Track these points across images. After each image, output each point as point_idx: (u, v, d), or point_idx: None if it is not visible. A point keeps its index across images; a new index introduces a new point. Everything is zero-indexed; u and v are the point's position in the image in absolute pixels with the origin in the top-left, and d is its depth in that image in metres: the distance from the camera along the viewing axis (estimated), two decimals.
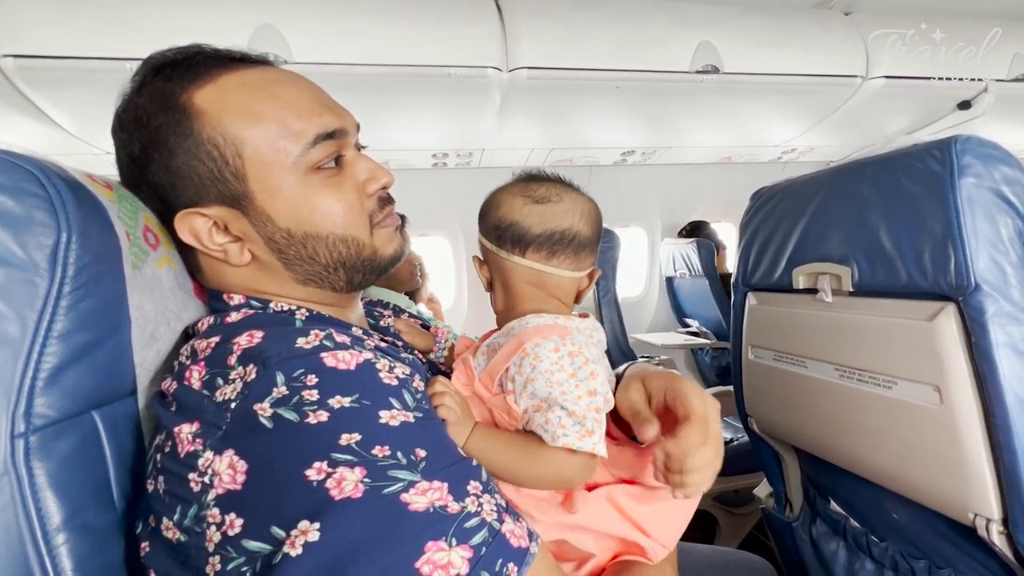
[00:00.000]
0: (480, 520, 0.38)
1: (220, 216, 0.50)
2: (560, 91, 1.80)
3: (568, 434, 0.48)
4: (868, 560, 0.86)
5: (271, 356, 0.41)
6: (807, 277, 0.83)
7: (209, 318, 0.51)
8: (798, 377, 0.87)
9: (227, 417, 0.39)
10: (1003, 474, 0.59)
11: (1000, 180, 0.59)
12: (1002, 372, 0.58)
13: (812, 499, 1.00)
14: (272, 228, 0.50)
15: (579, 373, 0.51)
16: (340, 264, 0.53)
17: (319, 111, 0.51)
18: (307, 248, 0.51)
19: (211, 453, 0.38)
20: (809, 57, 1.88)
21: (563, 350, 0.51)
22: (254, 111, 0.48)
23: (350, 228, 0.52)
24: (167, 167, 0.49)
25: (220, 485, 0.37)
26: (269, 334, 0.44)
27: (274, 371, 0.40)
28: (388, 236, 0.56)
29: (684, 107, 2.08)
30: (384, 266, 0.56)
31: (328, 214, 0.51)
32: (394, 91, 1.62)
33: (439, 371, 0.72)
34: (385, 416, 0.40)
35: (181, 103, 0.48)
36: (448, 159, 2.32)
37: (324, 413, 0.38)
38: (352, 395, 0.40)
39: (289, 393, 0.39)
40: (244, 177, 0.49)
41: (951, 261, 0.61)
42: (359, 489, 0.36)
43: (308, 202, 0.50)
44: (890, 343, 0.70)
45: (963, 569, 0.73)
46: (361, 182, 0.53)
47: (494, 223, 0.61)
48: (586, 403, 0.49)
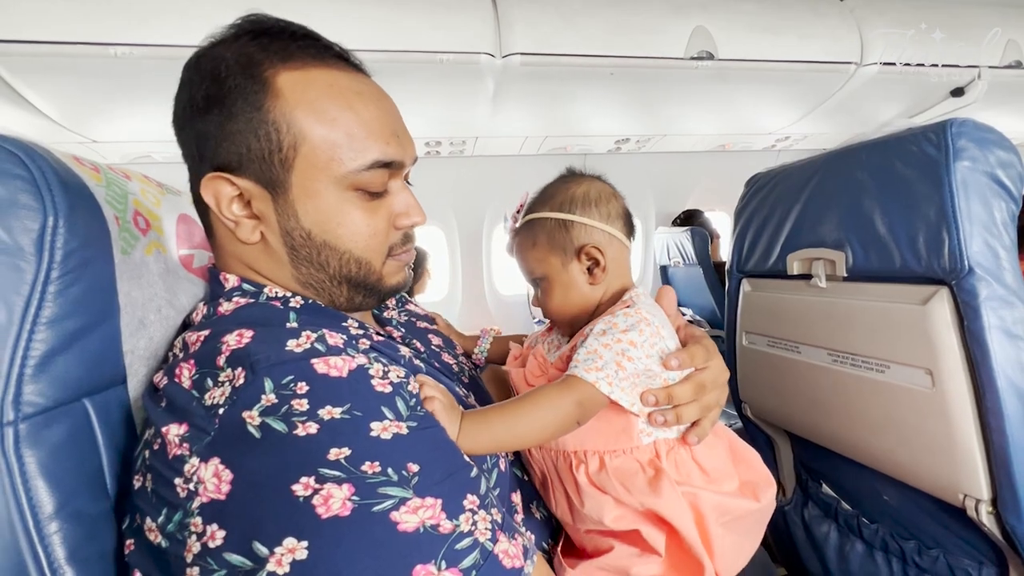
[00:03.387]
0: (472, 541, 0.37)
1: (249, 190, 0.49)
2: (554, 78, 1.78)
3: (577, 364, 0.50)
4: (859, 542, 0.88)
5: (259, 360, 0.40)
6: (801, 263, 0.84)
7: (203, 307, 0.50)
8: (791, 362, 0.88)
9: (215, 423, 0.38)
10: (993, 456, 0.60)
11: (995, 164, 0.60)
12: (994, 355, 0.58)
13: (804, 483, 1.01)
14: (294, 224, 0.49)
15: (633, 334, 0.52)
16: (346, 280, 0.53)
17: (387, 138, 0.51)
18: (320, 255, 0.51)
19: (197, 460, 0.37)
20: (804, 43, 1.88)
21: (632, 319, 0.54)
22: (328, 115, 0.48)
23: (368, 252, 0.52)
24: (222, 127, 0.47)
25: (205, 494, 0.36)
26: (259, 335, 0.43)
27: (262, 377, 0.39)
28: (397, 268, 0.56)
29: (679, 94, 2.07)
30: (385, 294, 0.56)
31: (354, 233, 0.51)
32: (385, 77, 1.58)
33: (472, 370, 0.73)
34: (376, 428, 0.39)
35: (265, 76, 0.47)
36: (441, 147, 2.30)
37: (313, 425, 0.37)
38: (343, 405, 0.39)
39: (278, 402, 0.38)
40: (290, 169, 0.48)
41: (945, 245, 0.61)
42: (347, 507, 0.35)
43: (339, 215, 0.50)
44: (883, 327, 0.70)
45: (951, 549, 0.74)
46: (395, 214, 0.54)
47: (622, 211, 0.63)
48: (616, 351, 0.51)
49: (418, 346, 0.65)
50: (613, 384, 0.49)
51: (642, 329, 0.52)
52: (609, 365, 0.50)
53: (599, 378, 0.49)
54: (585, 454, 0.53)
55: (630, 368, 0.50)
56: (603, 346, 0.51)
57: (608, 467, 0.52)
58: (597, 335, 0.52)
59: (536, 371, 0.59)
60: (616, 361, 0.50)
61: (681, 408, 0.53)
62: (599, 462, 0.53)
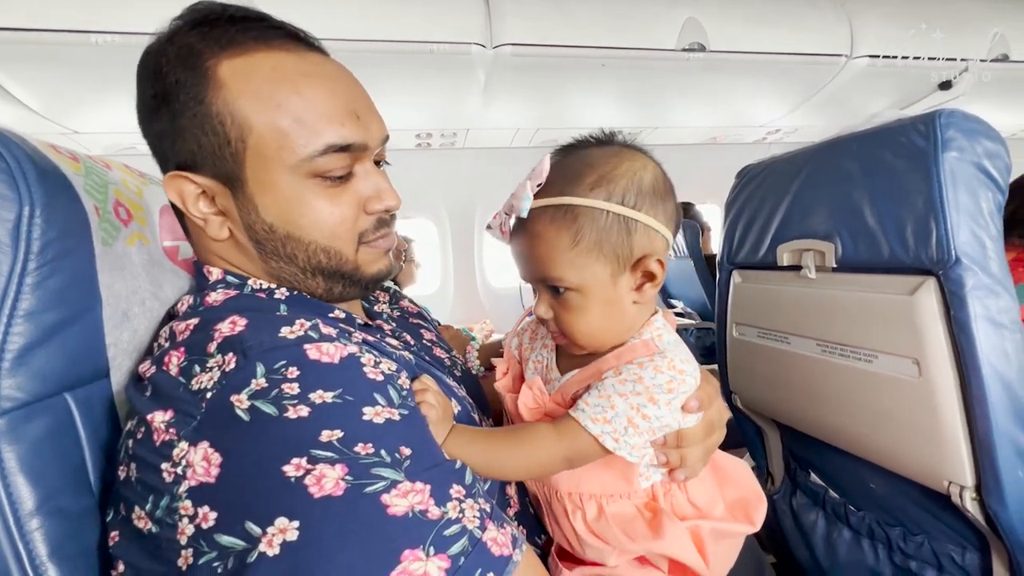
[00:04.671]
0: (461, 528, 0.37)
1: (210, 187, 0.48)
2: (545, 69, 1.77)
3: (584, 409, 0.46)
4: (846, 529, 0.89)
5: (252, 346, 0.39)
6: (791, 254, 0.84)
7: (189, 298, 0.50)
8: (781, 353, 0.88)
9: (202, 407, 0.37)
10: (977, 443, 0.61)
11: (982, 154, 0.60)
12: (979, 344, 0.59)
13: (793, 472, 1.03)
14: (255, 217, 0.48)
15: (658, 392, 0.46)
16: (318, 271, 0.51)
17: (342, 120, 0.47)
18: (286, 248, 0.49)
19: (186, 444, 0.36)
20: (794, 36, 1.88)
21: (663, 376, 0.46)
22: (273, 101, 0.45)
23: (336, 241, 0.50)
24: (172, 124, 0.46)
25: (194, 477, 0.35)
26: (253, 322, 0.42)
27: (254, 362, 0.38)
28: (375, 256, 0.53)
29: (670, 86, 2.07)
30: (367, 283, 0.53)
31: (317, 223, 0.48)
32: (375, 68, 1.57)
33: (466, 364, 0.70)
34: (369, 412, 0.39)
35: (205, 67, 0.45)
36: (432, 139, 2.27)
37: (304, 408, 0.37)
38: (335, 390, 0.39)
39: (268, 386, 0.37)
40: (242, 162, 0.46)
41: (933, 235, 0.61)
42: (340, 487, 0.35)
43: (299, 206, 0.48)
44: (871, 317, 0.71)
45: (935, 535, 0.76)
46: (363, 199, 0.51)
47: (673, 210, 0.50)
48: (632, 404, 0.45)
49: (408, 340, 0.64)
50: (620, 441, 0.45)
51: (672, 387, 0.46)
52: (619, 419, 0.45)
53: (604, 432, 0.45)
54: (581, 498, 0.50)
55: (643, 426, 0.45)
56: (619, 396, 0.45)
57: (607, 513, 0.49)
58: (616, 383, 0.46)
59: (531, 402, 0.53)
60: (628, 416, 0.45)
61: (687, 450, 0.49)
62: (597, 508, 0.50)
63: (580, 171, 0.48)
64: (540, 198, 0.48)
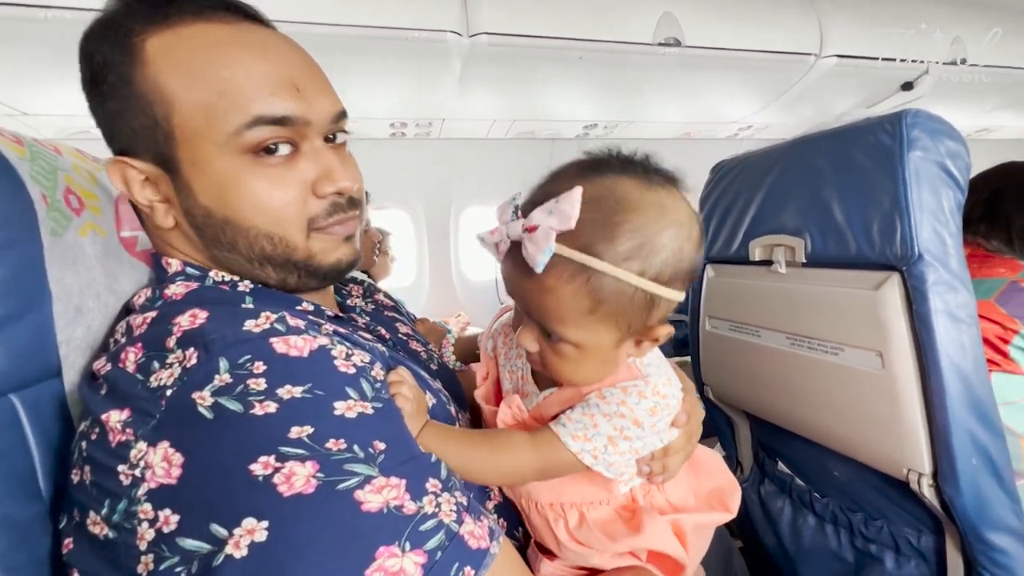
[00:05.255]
0: (437, 522, 0.36)
1: (150, 172, 0.46)
2: (522, 60, 1.75)
3: (565, 425, 0.46)
4: (811, 515, 0.92)
5: (215, 340, 0.38)
6: (763, 249, 0.86)
7: (146, 290, 0.47)
8: (752, 346, 0.90)
9: (161, 405, 0.35)
10: (935, 432, 0.63)
11: (945, 154, 0.62)
12: (939, 337, 0.61)
13: (761, 461, 1.05)
14: (193, 202, 0.45)
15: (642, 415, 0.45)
16: (265, 260, 0.47)
17: (275, 90, 0.44)
18: (226, 234, 0.46)
19: (144, 444, 0.35)
20: (767, 34, 1.91)
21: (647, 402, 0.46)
22: (196, 74, 0.43)
23: (278, 226, 0.46)
24: (105, 107, 0.44)
25: (153, 479, 0.34)
26: (214, 315, 0.40)
27: (217, 357, 0.37)
28: (331, 244, 0.49)
29: (646, 81, 2.08)
30: (326, 274, 0.50)
31: (255, 205, 0.45)
32: (348, 54, 1.53)
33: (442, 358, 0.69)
34: (340, 407, 0.38)
35: (132, 44, 0.43)
36: (407, 129, 2.23)
37: (272, 404, 0.35)
38: (304, 384, 0.37)
39: (233, 381, 0.36)
40: (173, 143, 0.44)
41: (897, 232, 0.63)
42: (311, 484, 0.34)
43: (236, 187, 0.44)
44: (838, 312, 0.73)
45: (893, 519, 0.79)
46: (311, 180, 0.47)
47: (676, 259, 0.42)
48: (616, 426, 0.45)
49: (383, 333, 0.63)
50: (599, 458, 0.45)
51: (656, 411, 0.46)
52: (600, 438, 0.45)
53: (583, 449, 0.44)
54: (562, 507, 0.50)
55: (625, 446, 0.45)
56: (603, 416, 0.45)
57: (588, 519, 0.49)
58: (601, 403, 0.45)
59: (509, 419, 0.52)
60: (610, 436, 0.45)
61: (670, 459, 0.50)
62: (578, 516, 0.50)
63: (616, 226, 0.40)
64: (560, 242, 0.40)
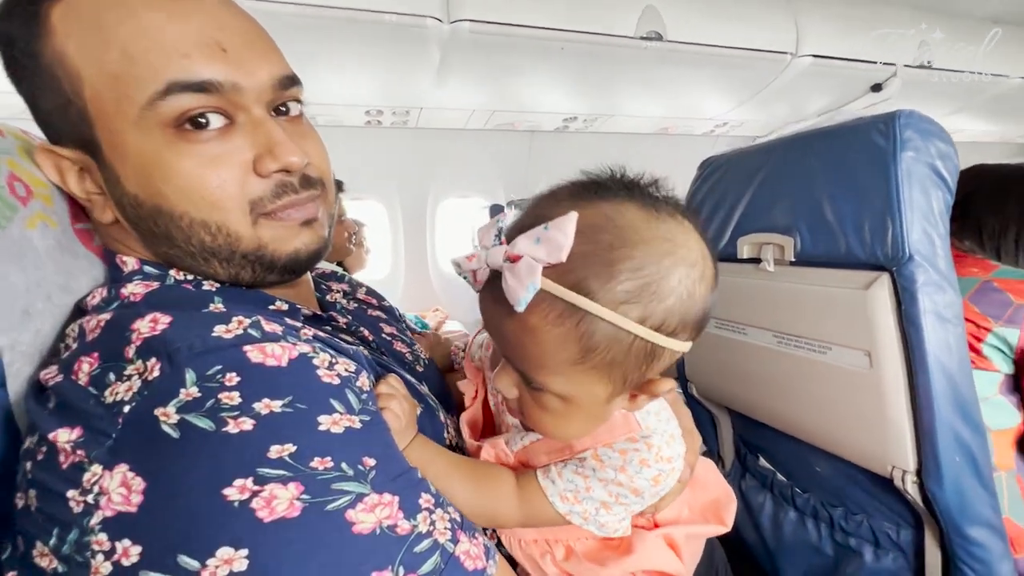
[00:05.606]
0: (432, 542, 0.34)
1: (79, 160, 0.41)
2: (503, 49, 1.72)
3: (555, 481, 0.42)
4: (792, 510, 0.94)
5: (180, 348, 0.34)
6: (751, 247, 0.85)
7: (102, 289, 0.42)
8: (738, 344, 0.90)
9: (118, 423, 0.32)
10: (921, 431, 0.64)
11: (936, 155, 0.62)
12: (927, 338, 0.62)
13: (743, 457, 1.07)
14: (120, 190, 0.40)
15: (642, 483, 0.41)
16: (209, 254, 0.42)
17: (189, 51, 0.38)
18: (158, 226, 0.41)
19: (99, 467, 0.31)
20: (746, 31, 1.93)
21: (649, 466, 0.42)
22: (101, 39, 0.37)
23: (214, 212, 0.40)
24: (22, 90, 0.40)
25: (109, 506, 0.30)
26: (179, 320, 0.36)
27: (183, 368, 0.33)
28: (285, 231, 0.44)
29: (626, 75, 2.07)
30: (285, 266, 0.45)
31: (184, 189, 0.39)
32: (323, 36, 1.46)
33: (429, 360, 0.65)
34: (325, 421, 0.34)
35: (37, 14, 0.38)
36: (383, 117, 2.17)
37: (248, 420, 0.32)
38: (284, 397, 0.34)
39: (202, 396, 0.32)
40: (90, 123, 0.39)
41: (889, 232, 0.63)
42: (295, 508, 0.31)
43: (159, 167, 0.39)
44: (826, 311, 0.73)
45: (874, 514, 0.81)
46: (249, 158, 0.41)
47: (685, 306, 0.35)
48: (611, 492, 0.42)
49: (366, 334, 0.59)
50: (589, 519, 0.42)
51: (660, 480, 0.41)
52: (592, 502, 0.42)
53: (572, 511, 0.42)
54: (548, 543, 0.48)
55: (619, 510, 0.42)
56: (599, 481, 0.41)
57: (576, 552, 0.47)
58: (597, 468, 0.41)
59: (493, 459, 0.48)
60: (603, 502, 0.42)
61: (664, 500, 0.48)
62: (565, 550, 0.48)
63: (615, 262, 0.33)
64: (548, 276, 0.33)
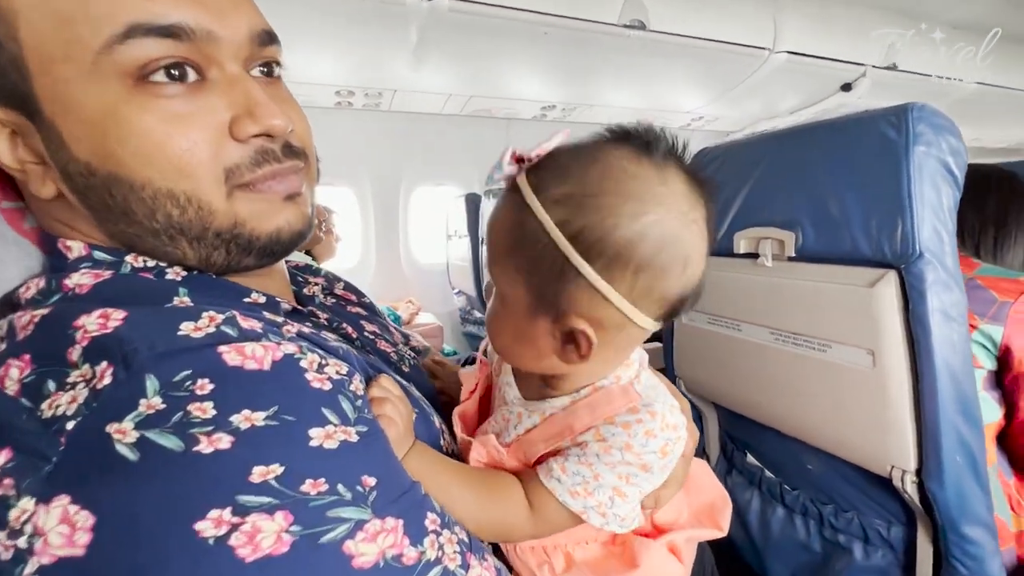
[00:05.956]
0: (442, 570, 0.31)
1: (11, 122, 0.34)
2: (484, 31, 1.65)
3: (560, 479, 0.39)
4: (780, 507, 0.93)
5: (138, 349, 0.28)
6: (748, 241, 0.83)
7: (38, 280, 0.35)
8: (731, 340, 0.89)
9: (59, 443, 0.26)
10: (924, 431, 0.63)
11: (947, 150, 0.61)
12: (934, 337, 0.61)
13: (729, 453, 1.06)
14: (66, 156, 0.34)
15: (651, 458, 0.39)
16: (175, 231, 0.36)
17: None
18: (114, 198, 0.34)
19: (31, 501, 0.25)
20: (727, 24, 1.92)
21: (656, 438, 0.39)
22: None
23: (182, 180, 0.34)
24: None
25: (47, 552, 0.24)
26: (135, 316, 0.30)
27: (143, 373, 0.27)
28: (266, 205, 0.38)
29: (608, 63, 2.04)
30: (264, 247, 0.39)
31: (146, 152, 0.33)
32: (292, 8, 1.36)
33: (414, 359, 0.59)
34: (318, 435, 0.29)
35: None
36: (355, 98, 2.06)
37: (224, 437, 0.27)
38: (267, 408, 0.28)
39: (167, 407, 0.27)
40: (27, 73, 0.32)
41: (899, 229, 0.62)
42: (284, 542, 0.26)
43: (116, 127, 0.33)
44: (828, 308, 0.72)
45: (863, 510, 0.80)
46: (225, 119, 0.35)
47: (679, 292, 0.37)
48: (620, 474, 0.39)
49: (349, 331, 0.53)
50: (607, 514, 0.39)
51: (668, 450, 0.39)
52: (604, 490, 0.39)
53: (587, 507, 0.39)
54: (545, 550, 0.45)
55: (632, 493, 0.39)
56: (606, 466, 0.38)
57: (577, 561, 0.44)
58: (601, 451, 0.38)
59: (484, 459, 0.44)
60: (615, 488, 0.39)
61: (665, 490, 0.44)
62: (565, 559, 0.44)
63: (567, 170, 0.36)
64: (528, 177, 0.37)
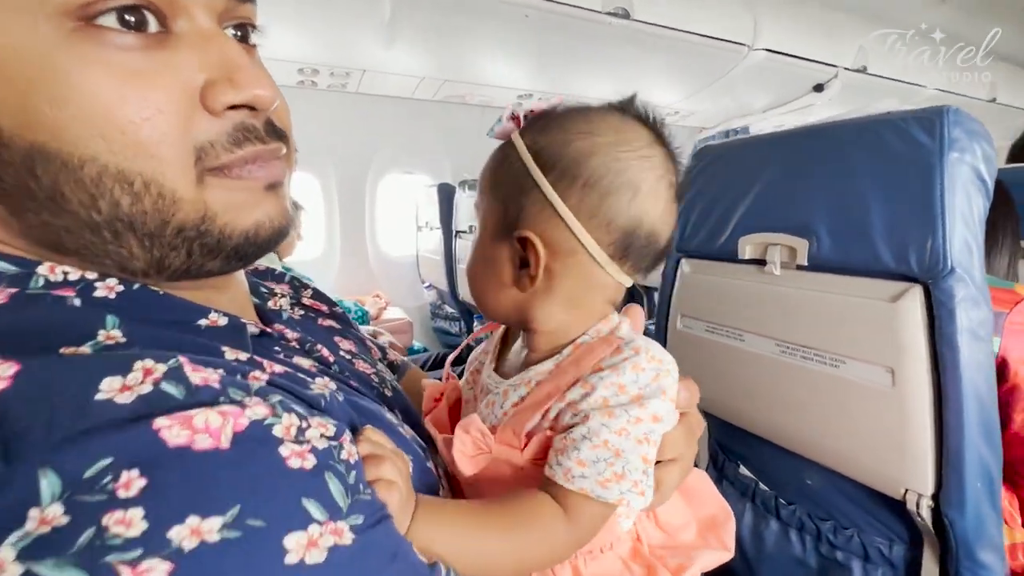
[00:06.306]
0: None
1: None
2: (462, 11, 1.54)
3: (584, 475, 0.34)
4: (774, 520, 0.90)
5: (30, 428, 0.19)
6: (755, 247, 0.78)
7: None
8: (731, 350, 0.84)
9: None
10: (947, 454, 0.60)
11: (981, 157, 0.57)
12: (962, 357, 0.57)
13: (720, 463, 1.02)
14: None
15: (655, 403, 0.36)
16: (124, 225, 0.27)
17: None
18: (39, 178, 0.25)
19: None
20: (709, 18, 1.89)
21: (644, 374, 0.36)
22: None
23: (140, 159, 0.26)
24: None
25: None
26: (30, 372, 0.21)
27: (35, 468, 0.18)
28: (246, 195, 0.30)
29: (587, 52, 1.98)
30: (238, 247, 0.30)
31: (89, 115, 0.25)
32: None
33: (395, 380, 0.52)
34: (297, 545, 0.21)
35: None
36: (319, 77, 1.91)
37: (161, 565, 0.18)
38: (225, 510, 0.20)
39: (71, 522, 0.18)
40: None
41: (928, 241, 0.58)
42: None
43: (51, 83, 0.24)
44: (843, 322, 0.67)
45: (865, 528, 0.78)
46: (197, 82, 0.28)
47: (626, 223, 0.38)
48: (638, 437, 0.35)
49: (324, 355, 0.44)
50: (645, 491, 0.35)
51: (659, 377, 0.36)
52: (633, 466, 0.34)
53: (628, 491, 0.34)
54: None
55: (648, 451, 0.35)
56: (616, 434, 0.34)
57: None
58: (601, 417, 0.35)
59: (471, 449, 0.40)
60: (643, 456, 0.35)
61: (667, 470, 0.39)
62: (572, 573, 0.39)
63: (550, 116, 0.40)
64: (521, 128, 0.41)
